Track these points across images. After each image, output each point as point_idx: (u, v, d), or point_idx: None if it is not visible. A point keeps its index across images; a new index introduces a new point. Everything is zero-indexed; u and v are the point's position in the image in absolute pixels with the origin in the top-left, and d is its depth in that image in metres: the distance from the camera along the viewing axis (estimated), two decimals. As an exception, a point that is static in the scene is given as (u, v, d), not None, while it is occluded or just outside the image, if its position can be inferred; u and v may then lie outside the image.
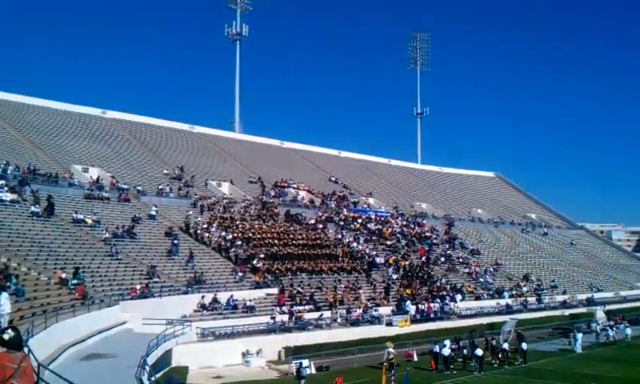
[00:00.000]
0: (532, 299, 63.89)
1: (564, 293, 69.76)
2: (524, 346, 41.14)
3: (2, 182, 46.10)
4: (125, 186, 57.41)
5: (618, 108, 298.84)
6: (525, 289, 66.39)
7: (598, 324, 55.25)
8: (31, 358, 15.43)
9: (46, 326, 23.75)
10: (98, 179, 56.90)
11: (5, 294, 22.73)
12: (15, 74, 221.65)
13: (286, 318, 43.48)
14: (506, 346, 40.51)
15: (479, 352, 38.39)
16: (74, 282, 34.70)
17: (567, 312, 62.49)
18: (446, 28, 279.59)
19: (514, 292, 64.11)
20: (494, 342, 41.86)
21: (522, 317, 54.69)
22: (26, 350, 16.09)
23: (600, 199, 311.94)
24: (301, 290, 48.55)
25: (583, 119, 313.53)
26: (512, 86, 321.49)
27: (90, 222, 47.03)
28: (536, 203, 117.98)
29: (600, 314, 63.21)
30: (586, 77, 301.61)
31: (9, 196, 44.36)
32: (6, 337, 6.92)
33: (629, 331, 50.40)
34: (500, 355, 39.73)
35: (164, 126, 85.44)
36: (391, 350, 38.44)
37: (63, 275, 34.72)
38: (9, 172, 48.88)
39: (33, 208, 44.02)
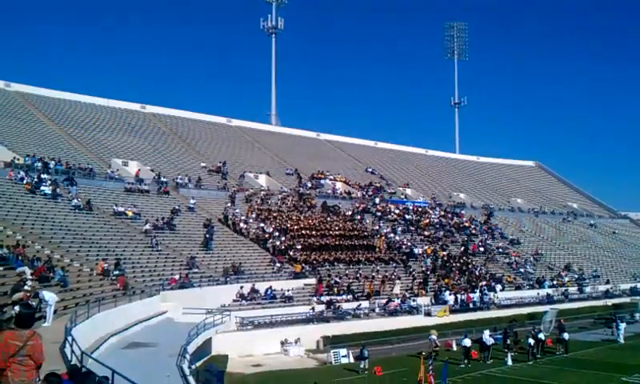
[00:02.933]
0: (573, 289, 62.87)
1: (607, 282, 68.44)
2: (565, 335, 40.64)
3: (45, 176, 47.10)
4: (164, 179, 58.17)
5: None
6: (566, 279, 65.34)
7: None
8: (72, 348, 15.85)
9: (89, 315, 24.23)
10: (137, 173, 57.70)
11: (45, 293, 23.14)
12: (55, 71, 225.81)
13: (323, 307, 43.61)
14: (542, 336, 39.83)
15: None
16: (116, 273, 35.36)
17: (610, 302, 61.23)
18: (483, 17, 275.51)
19: (554, 282, 63.15)
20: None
21: (564, 307, 53.98)
22: (69, 338, 16.61)
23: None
24: (338, 280, 48.63)
25: (621, 106, 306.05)
26: (550, 74, 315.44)
27: (130, 214, 47.79)
28: (577, 192, 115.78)
29: (644, 303, 61.88)
30: (627, 64, 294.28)
31: (52, 190, 45.29)
32: (12, 313, 7.00)
33: None
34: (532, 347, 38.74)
35: (202, 120, 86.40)
36: (434, 338, 38.46)
37: (105, 266, 35.40)
38: (51, 166, 49.87)
39: (75, 201, 44.91)
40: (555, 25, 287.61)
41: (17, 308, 7.38)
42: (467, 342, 36.81)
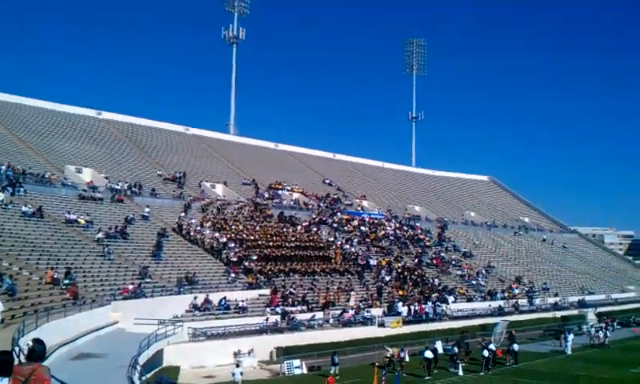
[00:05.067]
0: (524, 301, 64.14)
1: (556, 295, 70.01)
2: (515, 347, 41.34)
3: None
4: (118, 187, 57.41)
5: (609, 112, 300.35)
6: (517, 291, 66.62)
7: (591, 326, 55.54)
8: (19, 358, 15.58)
9: (37, 325, 23.84)
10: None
11: None
12: (9, 74, 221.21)
13: (278, 318, 43.57)
14: (492, 347, 40.51)
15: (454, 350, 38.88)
16: (66, 281, 34.78)
17: (559, 314, 62.72)
18: (442, 34, 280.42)
19: (506, 294, 64.36)
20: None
21: (514, 318, 54.91)
22: (17, 349, 16.33)
23: (593, 203, 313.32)
24: (293, 291, 48.67)
25: (575, 123, 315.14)
26: (506, 91, 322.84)
27: (82, 222, 47.04)
28: (529, 207, 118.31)
29: (591, 315, 63.50)
30: (578, 82, 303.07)
31: (0, 196, 44.30)
32: (25, 348, 7.07)
33: (608, 334, 50.64)
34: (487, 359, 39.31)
35: (159, 128, 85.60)
36: (391, 350, 38.77)
37: (55, 275, 34.76)
38: (1, 172, 48.81)
39: (24, 208, 44.00)
40: (510, 42, 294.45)
41: (30, 343, 7.41)
42: (429, 354, 37.16)
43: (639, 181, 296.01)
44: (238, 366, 33.85)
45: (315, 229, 64.34)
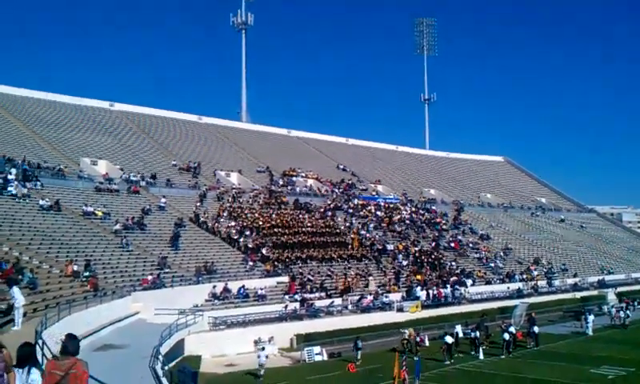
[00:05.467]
0: (543, 283, 63.77)
1: (575, 276, 69.52)
2: (535, 329, 41.22)
3: (12, 176, 46.20)
4: (134, 178, 57.55)
5: (624, 90, 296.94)
6: (535, 273, 66.25)
7: (611, 306, 55.14)
8: (43, 351, 15.62)
9: (59, 318, 23.90)
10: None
11: (16, 288, 22.94)
12: (22, 69, 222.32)
13: (297, 305, 43.60)
14: (512, 329, 40.27)
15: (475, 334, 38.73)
16: (86, 274, 34.95)
17: (578, 295, 62.28)
18: (452, 13, 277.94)
19: (524, 276, 64.00)
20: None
21: (533, 300, 54.65)
22: (40, 342, 16.37)
23: (610, 182, 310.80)
24: (311, 278, 48.66)
25: (591, 101, 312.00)
26: (519, 70, 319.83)
27: (100, 214, 47.21)
28: (545, 187, 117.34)
29: (611, 296, 63.10)
30: (593, 60, 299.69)
31: (19, 190, 44.50)
32: (58, 342, 7.16)
33: (629, 314, 50.25)
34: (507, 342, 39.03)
35: (172, 118, 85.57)
36: (407, 333, 38.69)
37: (75, 268, 34.94)
38: (17, 166, 48.98)
39: (42, 202, 44.21)
40: (523, 20, 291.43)
41: (63, 337, 7.52)
42: (449, 339, 37.03)
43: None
44: (263, 349, 34.10)
45: (331, 215, 64.23)
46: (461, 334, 41.07)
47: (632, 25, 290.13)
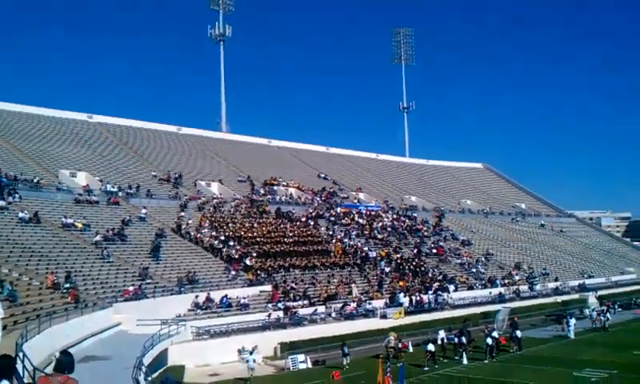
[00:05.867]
0: (524, 287, 64.17)
1: (556, 280, 70.05)
2: (518, 333, 41.37)
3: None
4: (113, 189, 57.09)
5: (602, 95, 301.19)
6: (517, 277, 66.70)
7: (592, 309, 55.61)
8: (24, 363, 15.39)
9: (40, 330, 23.58)
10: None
11: None
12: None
13: (280, 314, 43.43)
14: (495, 334, 40.44)
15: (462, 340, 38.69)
16: (67, 286, 34.56)
17: (559, 299, 62.81)
18: (430, 23, 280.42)
19: (506, 281, 64.42)
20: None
21: (515, 305, 54.98)
22: (21, 354, 16.12)
23: (588, 187, 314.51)
24: (294, 286, 48.54)
25: (568, 107, 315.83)
26: (495, 78, 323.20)
27: (79, 225, 46.75)
28: (525, 192, 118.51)
29: (592, 299, 63.68)
30: (570, 65, 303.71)
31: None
32: (53, 358, 7.17)
33: (609, 317, 50.67)
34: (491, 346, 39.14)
35: (151, 129, 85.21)
36: (391, 338, 38.64)
37: (55, 279, 34.52)
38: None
39: (21, 214, 43.72)
40: (499, 29, 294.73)
41: (57, 354, 7.52)
42: (431, 347, 37.03)
43: (633, 162, 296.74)
44: (252, 353, 34.02)
45: (313, 223, 64.21)
46: (445, 340, 41.14)
47: (616, 26, 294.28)
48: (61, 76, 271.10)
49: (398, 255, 62.14)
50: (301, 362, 37.03)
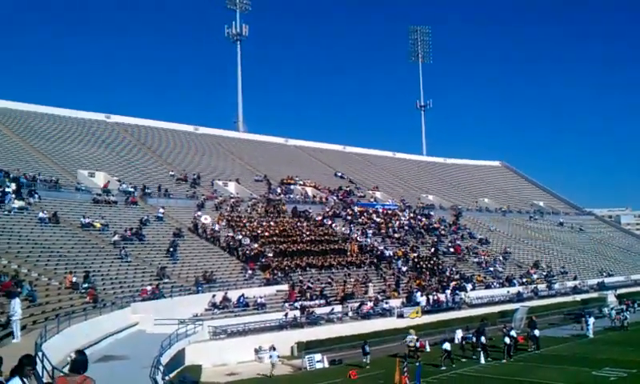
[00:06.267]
0: (542, 286, 63.73)
1: (574, 279, 69.51)
2: (536, 332, 41.03)
3: (10, 190, 46.16)
4: (131, 189, 57.50)
5: (622, 92, 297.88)
6: (535, 276, 66.25)
7: (611, 308, 55.05)
8: (43, 363, 15.57)
9: (59, 330, 23.78)
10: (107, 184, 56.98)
11: (17, 300, 22.90)
12: (17, 82, 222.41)
13: (297, 313, 43.50)
14: (513, 333, 40.14)
15: (482, 340, 38.40)
16: (85, 285, 34.86)
17: (578, 297, 62.33)
18: (446, 21, 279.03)
19: (524, 280, 64.02)
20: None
21: (533, 304, 54.66)
22: (40, 354, 16.31)
23: (607, 184, 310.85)
24: (311, 286, 48.58)
25: (587, 104, 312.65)
26: (514, 75, 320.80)
27: (98, 225, 47.16)
28: (543, 190, 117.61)
29: (611, 298, 63.07)
30: (591, 62, 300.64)
31: (17, 203, 44.52)
32: (68, 359, 7.34)
33: (627, 316, 50.12)
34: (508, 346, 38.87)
35: (168, 128, 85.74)
36: (413, 336, 38.56)
37: (74, 279, 34.85)
38: (16, 179, 48.94)
39: (41, 214, 44.18)
40: (518, 26, 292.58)
41: (72, 354, 7.73)
42: (448, 346, 36.86)
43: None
44: (274, 349, 34.49)
45: (329, 222, 64.22)
46: (459, 339, 40.93)
47: (631, 25, 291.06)
48: (79, 76, 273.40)
49: (415, 254, 61.96)
50: (317, 362, 37.05)
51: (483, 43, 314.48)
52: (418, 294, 51.29)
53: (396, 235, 67.01)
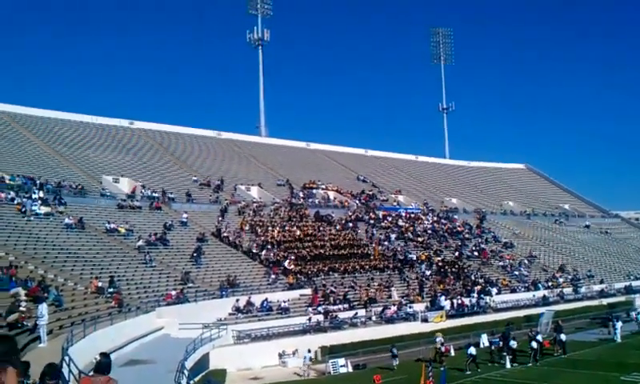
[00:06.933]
0: (569, 290, 62.95)
1: (601, 282, 68.57)
2: (563, 336, 40.54)
3: (36, 195, 46.78)
4: (155, 195, 57.94)
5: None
6: (561, 280, 65.47)
7: (638, 312, 54.20)
8: (70, 367, 15.71)
9: (85, 334, 24.06)
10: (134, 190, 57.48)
11: (44, 305, 23.17)
12: (43, 90, 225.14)
13: (320, 317, 43.44)
14: (539, 338, 39.69)
15: (513, 345, 38.00)
16: (110, 290, 35.20)
17: (605, 301, 61.37)
18: (468, 22, 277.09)
19: (549, 283, 63.28)
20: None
21: (559, 308, 53.96)
22: (66, 358, 16.46)
23: (634, 186, 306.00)
24: (334, 290, 48.50)
25: (611, 105, 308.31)
26: (537, 76, 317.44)
27: (123, 231, 47.58)
28: (568, 193, 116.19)
29: (639, 301, 62.07)
30: (618, 63, 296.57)
31: (43, 209, 45.07)
32: (94, 360, 7.60)
33: None
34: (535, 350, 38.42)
35: (191, 134, 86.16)
36: (441, 339, 38.36)
37: (99, 284, 35.20)
38: (42, 186, 49.59)
39: (67, 220, 44.69)
40: (541, 28, 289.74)
41: (97, 356, 7.97)
42: (473, 351, 36.58)
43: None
44: (309, 351, 35.41)
45: (352, 226, 64.10)
46: (486, 343, 40.62)
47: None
48: (103, 82, 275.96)
49: (439, 258, 61.60)
50: (341, 366, 37.00)
51: (506, 44, 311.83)
52: (442, 298, 50.97)
53: (419, 239, 66.68)
